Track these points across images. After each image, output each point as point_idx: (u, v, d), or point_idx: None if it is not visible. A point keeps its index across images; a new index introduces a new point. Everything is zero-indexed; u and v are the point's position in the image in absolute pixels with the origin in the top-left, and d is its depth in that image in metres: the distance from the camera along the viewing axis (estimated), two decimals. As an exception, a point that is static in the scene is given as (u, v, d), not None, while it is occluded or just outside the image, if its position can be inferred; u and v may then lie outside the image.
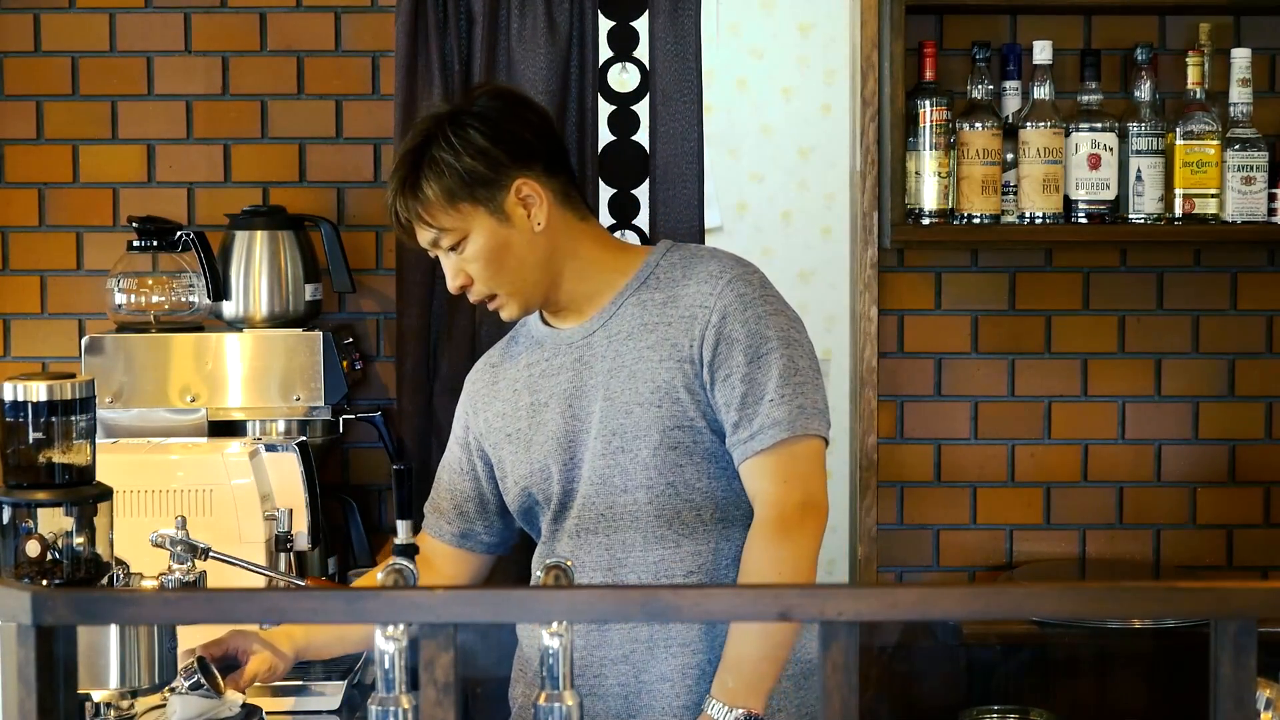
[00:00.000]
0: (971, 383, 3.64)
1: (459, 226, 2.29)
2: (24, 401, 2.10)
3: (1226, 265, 3.62)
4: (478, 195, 2.29)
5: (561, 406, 2.33)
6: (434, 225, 2.30)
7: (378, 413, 3.39)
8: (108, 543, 2.15)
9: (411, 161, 2.32)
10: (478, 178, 2.29)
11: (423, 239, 2.34)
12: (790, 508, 2.22)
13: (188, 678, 2.22)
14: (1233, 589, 1.19)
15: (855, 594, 1.19)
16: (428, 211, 2.30)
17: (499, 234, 2.29)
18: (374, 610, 1.25)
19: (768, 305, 2.28)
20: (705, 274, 2.30)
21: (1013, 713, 3.24)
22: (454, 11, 3.46)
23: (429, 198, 2.29)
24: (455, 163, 2.29)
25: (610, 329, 2.32)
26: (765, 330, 2.26)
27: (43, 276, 3.58)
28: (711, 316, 2.26)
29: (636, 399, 2.27)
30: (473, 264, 2.30)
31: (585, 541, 2.31)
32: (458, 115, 2.34)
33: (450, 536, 2.50)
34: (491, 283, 2.31)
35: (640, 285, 2.33)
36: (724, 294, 2.27)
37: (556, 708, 1.41)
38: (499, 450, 2.42)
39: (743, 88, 5.29)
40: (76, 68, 3.56)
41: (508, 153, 2.30)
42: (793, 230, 5.28)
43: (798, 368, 2.26)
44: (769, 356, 2.25)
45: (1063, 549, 3.64)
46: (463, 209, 2.29)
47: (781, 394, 2.23)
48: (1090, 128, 3.39)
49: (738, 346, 2.25)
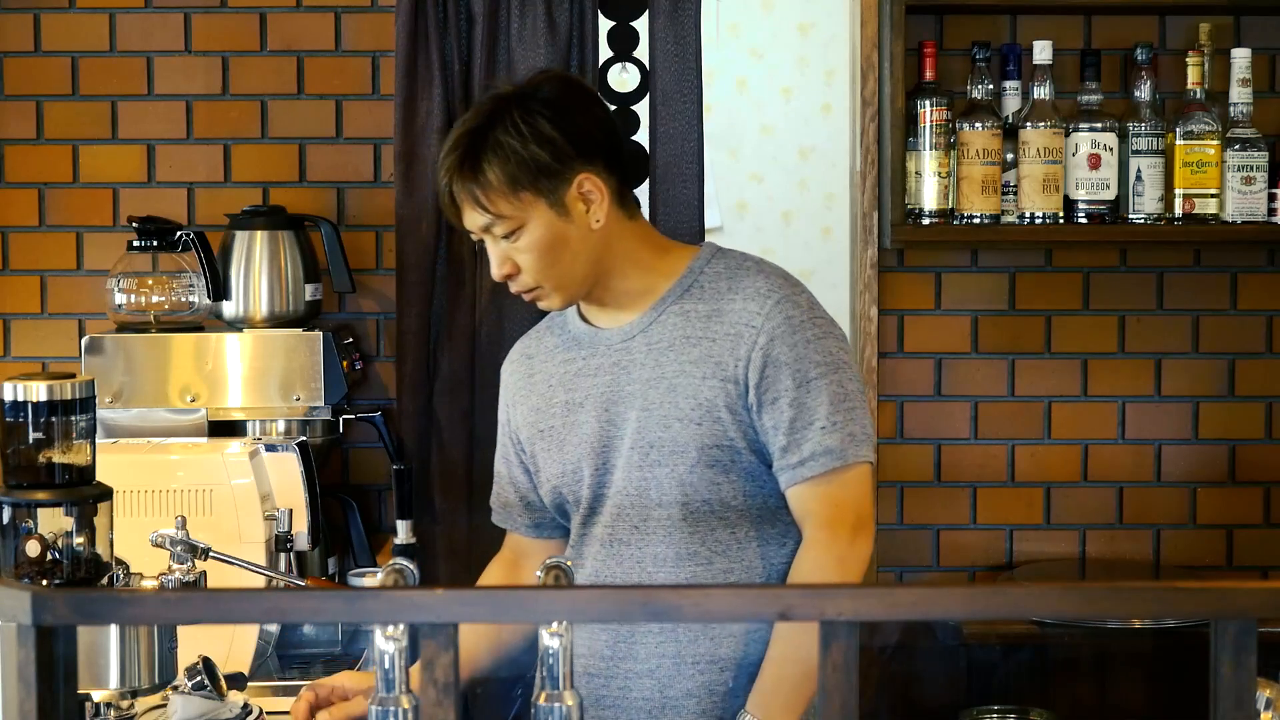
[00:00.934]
0: (971, 383, 3.64)
1: (517, 215, 2.21)
2: (24, 401, 2.10)
3: (1226, 265, 3.62)
4: (540, 185, 2.21)
5: (596, 409, 2.29)
6: (491, 211, 2.21)
7: (378, 413, 3.39)
8: (108, 543, 2.15)
9: (471, 142, 2.22)
10: (542, 167, 2.21)
11: (473, 223, 2.25)
12: (843, 531, 2.20)
13: (191, 677, 2.22)
14: (1233, 589, 1.19)
15: (855, 594, 1.19)
16: (487, 196, 2.21)
17: (556, 227, 2.22)
18: (374, 610, 1.25)
19: (816, 328, 2.23)
20: (752, 290, 2.24)
21: (1013, 713, 3.24)
22: (454, 11, 3.46)
23: (490, 182, 2.20)
24: (521, 149, 2.20)
25: (651, 336, 2.27)
26: (814, 355, 2.21)
27: (43, 276, 3.58)
28: (759, 338, 2.21)
29: (676, 413, 2.23)
30: (525, 255, 2.23)
31: (617, 552, 2.27)
32: (525, 99, 2.25)
33: (526, 529, 2.44)
34: (541, 275, 2.25)
35: (684, 293, 2.28)
36: (772, 315, 2.22)
37: (556, 708, 1.41)
38: (533, 444, 2.38)
39: (743, 88, 5.29)
40: (76, 68, 3.56)
41: (574, 145, 2.23)
42: (793, 230, 5.28)
43: (847, 393, 2.22)
44: (818, 382, 2.20)
45: (1063, 549, 3.64)
46: (524, 198, 2.21)
47: (833, 421, 2.19)
48: (1090, 128, 3.39)
49: (786, 371, 2.20)
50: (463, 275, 3.50)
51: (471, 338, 3.50)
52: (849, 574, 2.19)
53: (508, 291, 3.44)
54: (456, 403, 3.50)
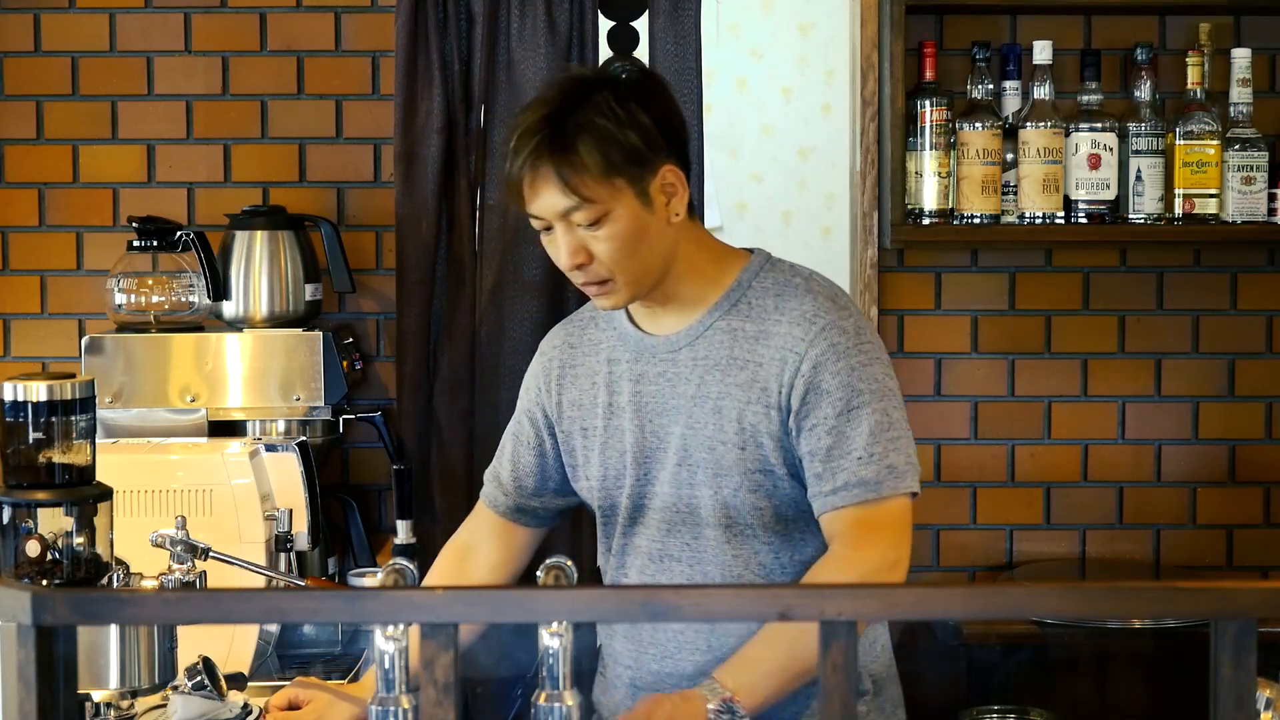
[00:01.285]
0: (971, 383, 3.64)
1: (604, 201, 2.12)
2: (24, 401, 2.10)
3: (1226, 265, 3.62)
4: (631, 172, 2.12)
5: (638, 417, 2.26)
6: (579, 195, 2.11)
7: (378, 413, 3.39)
8: (108, 543, 2.15)
9: (558, 124, 2.12)
10: (635, 153, 2.12)
11: (552, 208, 2.14)
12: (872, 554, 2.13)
13: (191, 677, 2.22)
14: (1233, 589, 1.19)
15: (855, 594, 1.19)
16: (579, 179, 2.10)
17: (640, 217, 2.15)
18: (374, 610, 1.25)
19: (862, 355, 2.18)
20: (798, 314, 2.19)
21: (1013, 713, 3.24)
22: (454, 11, 3.46)
23: (585, 165, 2.10)
24: (617, 132, 2.11)
25: (697, 350, 2.23)
26: (858, 383, 2.15)
27: (43, 276, 3.58)
28: (802, 365, 2.16)
29: (720, 436, 2.20)
30: (605, 244, 2.14)
31: (668, 568, 2.26)
32: (615, 84, 2.16)
33: (505, 509, 2.43)
34: (617, 267, 2.16)
35: (731, 307, 2.23)
36: (816, 341, 2.17)
37: (556, 708, 1.41)
38: (571, 439, 2.35)
39: (743, 88, 5.29)
40: (76, 68, 3.56)
41: (664, 135, 2.17)
42: (793, 230, 5.27)
43: (891, 421, 2.16)
44: (860, 411, 2.14)
45: (1063, 549, 3.64)
46: (616, 184, 2.12)
47: (871, 452, 2.13)
48: (1090, 128, 3.39)
49: (827, 399, 2.15)
50: (463, 275, 3.50)
51: (471, 338, 3.50)
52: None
53: (508, 291, 3.50)
54: (456, 403, 3.50)
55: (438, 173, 3.46)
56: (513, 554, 2.45)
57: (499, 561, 2.44)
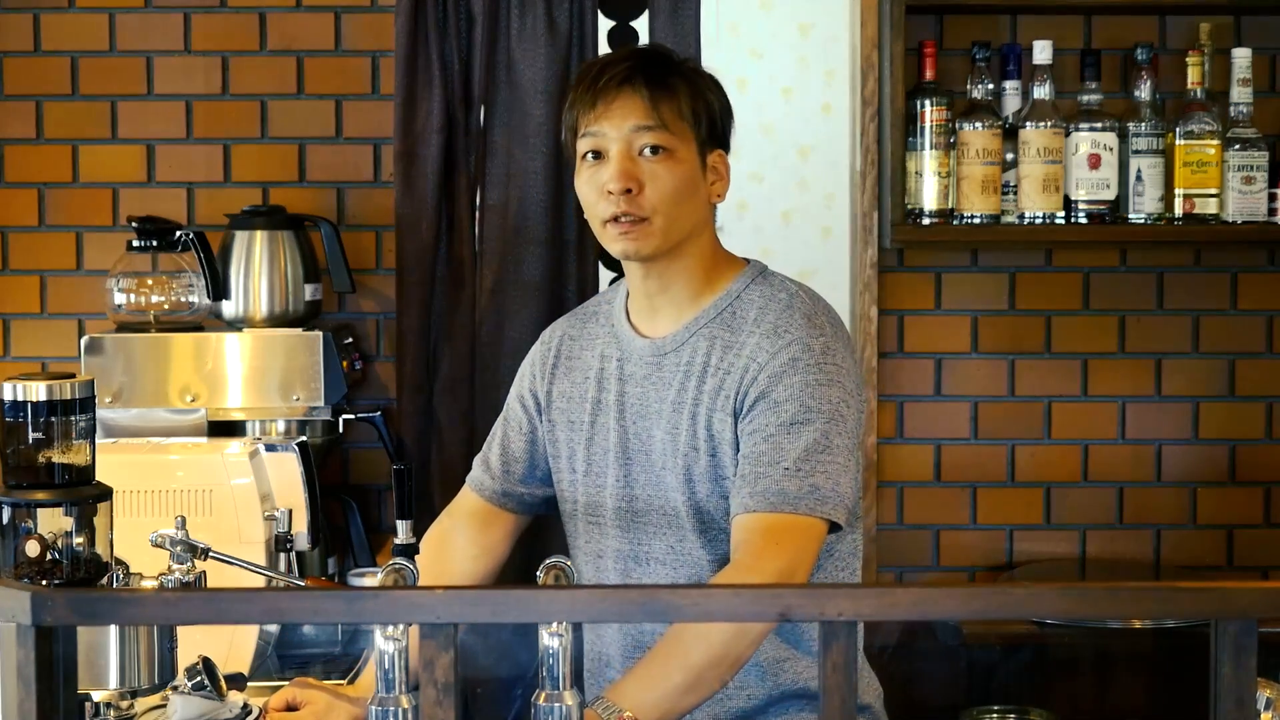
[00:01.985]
0: (971, 383, 3.64)
1: (678, 138, 2.22)
2: (24, 401, 2.10)
3: (1226, 265, 3.62)
4: (702, 133, 2.24)
5: (622, 418, 2.29)
6: (660, 120, 2.19)
7: (378, 413, 3.37)
8: (108, 543, 2.15)
9: (654, 60, 2.25)
10: (711, 121, 2.25)
11: (625, 123, 2.20)
12: (769, 569, 2.08)
13: (191, 677, 2.22)
14: (1233, 589, 1.19)
15: (855, 594, 1.19)
16: (666, 106, 2.20)
17: (695, 176, 2.24)
18: (374, 610, 1.25)
19: (821, 374, 2.17)
20: (771, 327, 2.21)
21: (1013, 713, 3.24)
22: (454, 11, 3.46)
23: (675, 95, 2.21)
24: (707, 91, 2.26)
25: (681, 356, 2.26)
26: (809, 400, 2.15)
27: (43, 276, 3.58)
28: (760, 375, 2.17)
29: (693, 441, 2.22)
30: (660, 180, 2.20)
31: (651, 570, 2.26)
32: (698, 69, 2.33)
33: (491, 494, 2.44)
34: (662, 205, 2.20)
35: (716, 315, 2.26)
36: (779, 354, 2.18)
37: (556, 708, 1.41)
38: (556, 430, 2.38)
39: (743, 88, 5.28)
40: (76, 68, 3.56)
41: (724, 128, 2.30)
42: (793, 230, 5.27)
43: (829, 445, 2.13)
44: (802, 427, 2.13)
45: (1063, 549, 3.64)
46: (687, 128, 2.22)
47: (799, 468, 2.11)
48: (1090, 128, 3.39)
49: (773, 409, 2.15)
50: (463, 275, 3.50)
51: (471, 338, 3.50)
52: None
53: (508, 291, 3.50)
54: (456, 403, 3.50)
55: (438, 173, 3.46)
56: (491, 545, 2.45)
57: (476, 553, 2.44)
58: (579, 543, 2.37)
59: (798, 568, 2.10)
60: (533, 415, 2.41)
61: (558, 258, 3.50)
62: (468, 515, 2.46)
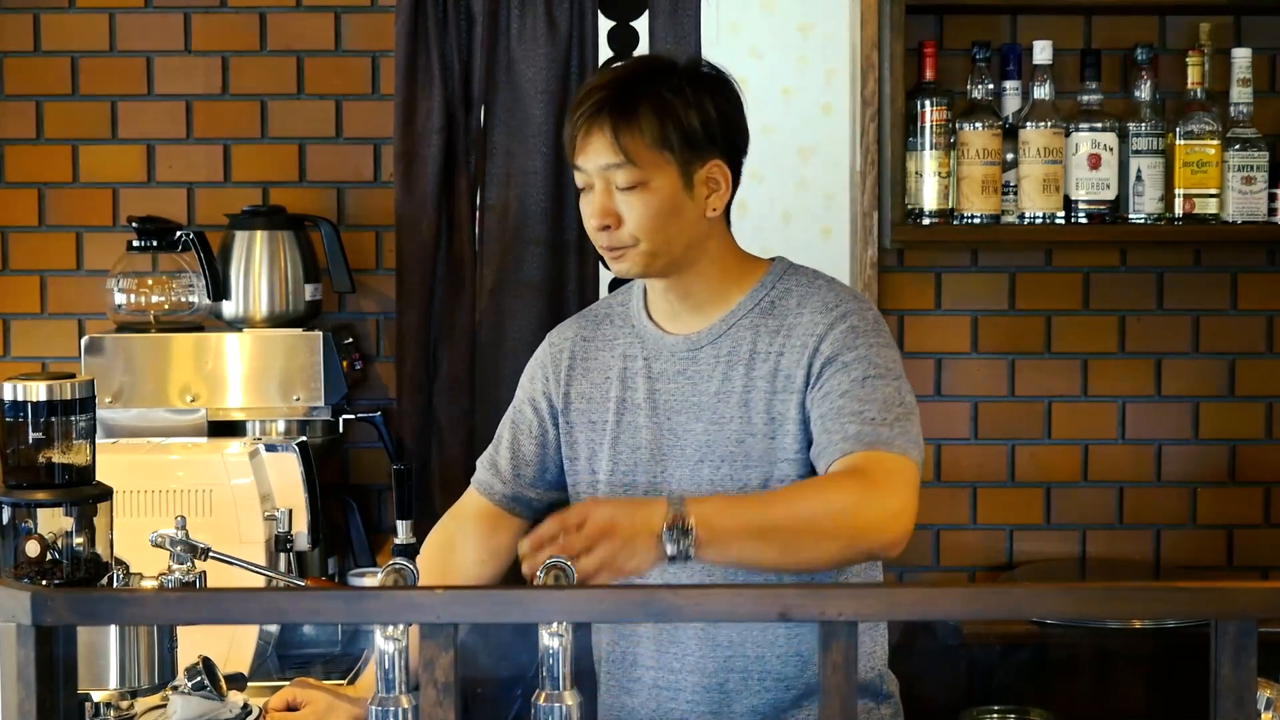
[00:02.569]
0: (971, 383, 3.64)
1: (647, 169, 2.20)
2: (24, 401, 2.10)
3: (1226, 265, 3.62)
4: (682, 153, 2.21)
5: (655, 415, 2.28)
6: (627, 155, 2.19)
7: (378, 413, 3.39)
8: (108, 543, 2.15)
9: (627, 88, 2.21)
10: (692, 137, 2.21)
11: (595, 161, 2.21)
12: (880, 501, 2.07)
13: (191, 677, 2.22)
14: (1233, 589, 1.19)
15: (855, 594, 1.19)
16: (630, 140, 2.19)
17: (678, 198, 2.22)
18: (374, 610, 1.25)
19: (881, 340, 2.21)
20: (819, 304, 2.25)
21: (1013, 713, 3.24)
22: (454, 11, 3.46)
23: (640, 129, 2.19)
24: (681, 111, 2.21)
25: (720, 348, 2.26)
26: (875, 358, 2.18)
27: (43, 276, 3.58)
28: (822, 345, 2.19)
29: (748, 429, 2.21)
30: (637, 211, 2.20)
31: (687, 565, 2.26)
32: (693, 70, 2.28)
33: (501, 498, 2.42)
34: (640, 232, 2.21)
35: (754, 306, 2.27)
36: (837, 324, 2.21)
37: (556, 708, 1.41)
38: (574, 431, 2.36)
39: (743, 88, 5.29)
40: (76, 68, 3.56)
41: (723, 131, 2.26)
42: (792, 230, 5.27)
43: (903, 400, 2.17)
44: (876, 381, 2.16)
45: (1063, 549, 3.64)
46: (664, 157, 2.20)
47: (885, 417, 2.13)
48: (1090, 128, 3.39)
49: (845, 370, 2.17)
50: (463, 275, 3.50)
51: (471, 338, 3.50)
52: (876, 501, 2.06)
53: (508, 291, 3.50)
54: (456, 403, 3.50)
55: (438, 173, 3.46)
56: (498, 549, 2.43)
57: (484, 557, 2.43)
58: None
59: (907, 506, 2.08)
60: (545, 418, 2.39)
61: (558, 258, 3.50)
62: (475, 519, 2.44)
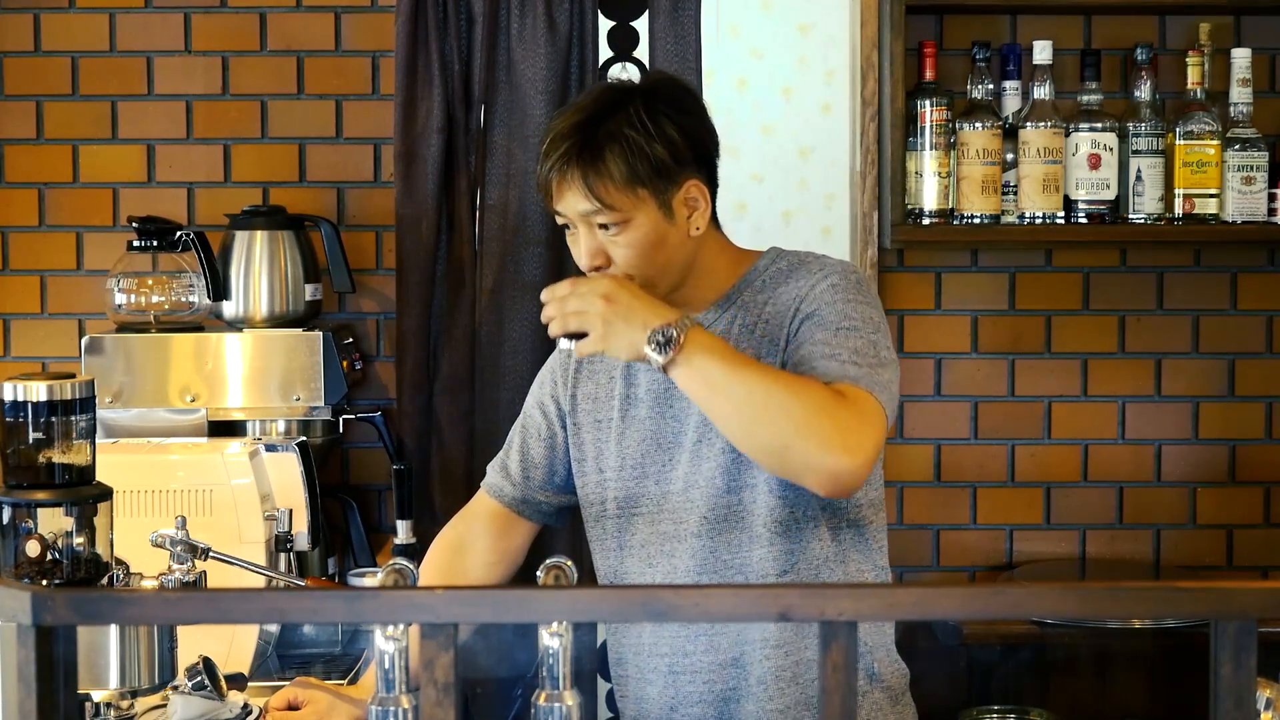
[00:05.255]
0: (971, 383, 3.64)
1: (626, 210, 2.19)
2: (24, 401, 2.10)
3: (1226, 265, 3.62)
4: (655, 184, 2.19)
5: (657, 404, 2.29)
6: (601, 201, 2.18)
7: (378, 413, 3.39)
8: (108, 543, 2.15)
9: (589, 132, 2.19)
10: (661, 166, 2.19)
11: (574, 209, 2.21)
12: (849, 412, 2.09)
13: (191, 677, 2.22)
14: (1233, 589, 1.19)
15: (855, 594, 1.19)
16: (602, 186, 2.18)
17: (660, 228, 2.21)
18: (374, 610, 1.25)
19: (860, 296, 2.22)
20: (804, 272, 2.26)
21: (1012, 713, 3.24)
22: (454, 11, 3.46)
23: (610, 173, 2.17)
24: (645, 145, 2.18)
25: (716, 327, 2.27)
26: (852, 312, 2.19)
27: (43, 276, 3.58)
28: (802, 304, 2.21)
29: None
30: (624, 249, 2.21)
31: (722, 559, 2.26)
32: (649, 96, 2.23)
33: (511, 500, 2.43)
34: (634, 270, 2.22)
35: (747, 287, 2.29)
36: (818, 284, 2.22)
37: (556, 708, 1.41)
38: (582, 432, 2.37)
39: (743, 88, 5.29)
40: (76, 68, 3.56)
41: (690, 149, 2.23)
42: (793, 230, 5.27)
43: (877, 351, 2.17)
44: (850, 333, 2.17)
45: (1063, 549, 3.64)
46: (639, 194, 2.19)
47: (856, 362, 2.14)
48: (1090, 128, 3.39)
49: (820, 324, 2.18)
50: (463, 275, 3.50)
51: (471, 338, 3.50)
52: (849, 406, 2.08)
53: (508, 291, 3.50)
54: (456, 403, 3.50)
55: (438, 173, 3.46)
56: (508, 551, 2.44)
57: (494, 559, 2.43)
58: (612, 542, 2.34)
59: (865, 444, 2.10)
60: (553, 421, 2.40)
61: (558, 258, 3.50)
62: (486, 521, 2.45)
